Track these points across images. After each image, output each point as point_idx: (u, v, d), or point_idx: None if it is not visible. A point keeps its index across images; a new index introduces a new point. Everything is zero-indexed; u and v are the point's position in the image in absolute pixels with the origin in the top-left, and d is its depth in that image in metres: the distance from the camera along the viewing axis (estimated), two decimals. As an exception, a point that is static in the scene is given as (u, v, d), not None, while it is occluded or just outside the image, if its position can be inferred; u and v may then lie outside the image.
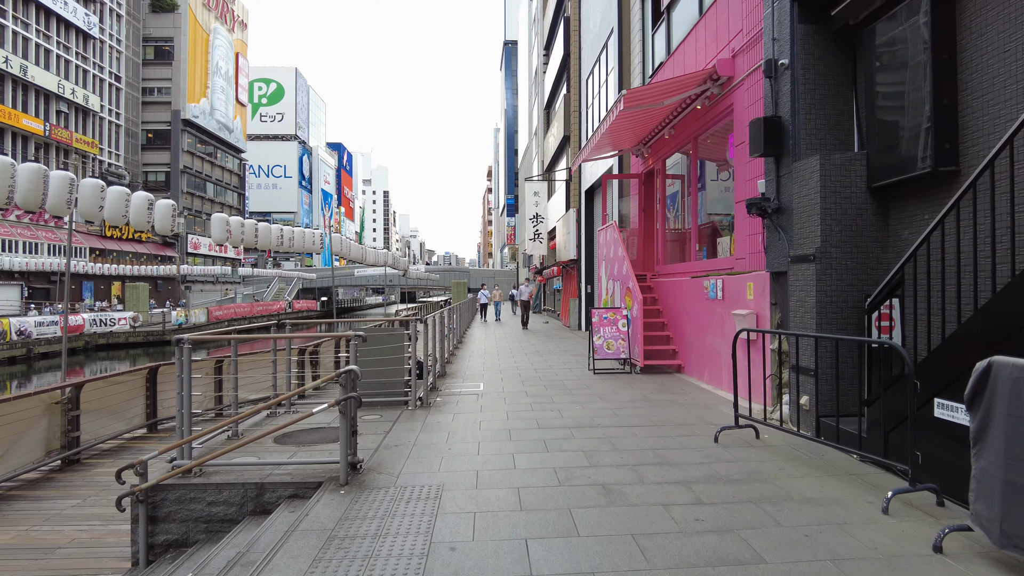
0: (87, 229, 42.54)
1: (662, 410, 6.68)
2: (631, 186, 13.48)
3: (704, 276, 8.57)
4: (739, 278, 7.41)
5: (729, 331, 7.60)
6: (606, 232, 11.85)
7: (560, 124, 24.28)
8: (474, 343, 15.58)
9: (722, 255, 8.75)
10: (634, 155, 12.59)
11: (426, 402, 7.18)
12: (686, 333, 9.29)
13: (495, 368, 10.43)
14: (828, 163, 5.46)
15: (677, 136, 10.24)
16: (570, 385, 8.45)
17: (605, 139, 10.98)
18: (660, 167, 11.32)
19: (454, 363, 11.28)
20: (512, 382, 8.82)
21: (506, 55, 68.43)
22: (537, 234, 23.72)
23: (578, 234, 19.35)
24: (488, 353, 12.97)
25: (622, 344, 9.48)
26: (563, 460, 4.82)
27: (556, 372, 9.75)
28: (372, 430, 6.01)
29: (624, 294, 10.21)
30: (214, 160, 63.02)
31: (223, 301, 52.36)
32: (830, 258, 5.45)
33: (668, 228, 11.18)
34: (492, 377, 9.36)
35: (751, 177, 7.42)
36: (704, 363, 8.51)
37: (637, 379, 8.85)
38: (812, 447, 5.09)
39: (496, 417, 6.46)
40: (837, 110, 5.92)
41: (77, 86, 43.94)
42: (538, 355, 12.39)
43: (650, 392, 7.79)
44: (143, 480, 4.36)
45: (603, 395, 7.61)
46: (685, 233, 10.58)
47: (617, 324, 9.53)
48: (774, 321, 6.63)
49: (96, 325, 30.94)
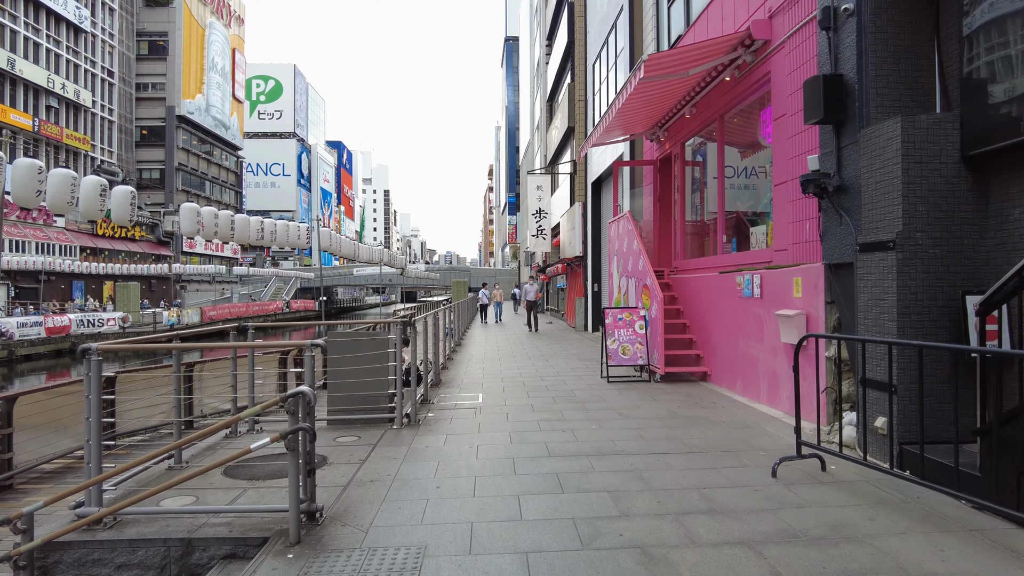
0: (78, 227, 41.52)
1: (696, 430, 5.58)
2: (644, 175, 12.38)
3: (736, 271, 7.47)
4: (782, 272, 6.30)
5: (770, 335, 6.50)
6: (618, 224, 10.76)
7: (564, 115, 23.19)
8: (473, 346, 14.48)
9: (756, 247, 7.64)
10: (648, 140, 11.48)
11: (414, 419, 6.09)
12: (713, 336, 8.19)
13: (496, 375, 9.34)
14: (912, 127, 4.35)
15: (700, 115, 9.14)
16: (582, 397, 7.35)
17: (616, 121, 9.89)
18: (679, 151, 10.22)
19: (451, 369, 10.19)
20: (515, 393, 7.73)
21: (507, 51, 67.56)
22: (540, 230, 22.62)
23: (584, 229, 18.25)
24: (488, 357, 11.88)
25: (639, 349, 8.38)
26: (584, 506, 3.72)
27: (564, 380, 8.65)
28: (346, 457, 4.92)
29: (640, 292, 9.11)
30: (210, 157, 61.98)
31: (219, 301, 51.32)
32: (915, 245, 4.34)
33: (688, 219, 10.08)
34: (493, 386, 8.27)
35: (796, 154, 6.33)
36: (736, 371, 7.41)
37: (658, 389, 7.74)
38: (898, 485, 3.99)
39: (497, 440, 5.36)
40: (915, 64, 4.82)
41: (68, 81, 42.89)
42: (543, 360, 11.29)
43: (677, 406, 6.68)
44: (26, 539, 3.27)
45: (622, 410, 6.51)
46: (708, 224, 9.48)
47: (634, 326, 8.44)
48: (829, 323, 5.53)
49: (83, 326, 29.88)
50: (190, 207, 10.45)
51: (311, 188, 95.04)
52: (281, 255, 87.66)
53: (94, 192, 9.91)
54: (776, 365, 6.42)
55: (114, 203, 8.62)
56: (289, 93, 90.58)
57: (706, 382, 8.24)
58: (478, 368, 10.23)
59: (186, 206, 10.51)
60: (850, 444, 5.01)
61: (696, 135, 9.70)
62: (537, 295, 19.46)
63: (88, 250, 41.88)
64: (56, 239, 38.99)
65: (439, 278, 66.76)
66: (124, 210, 9.27)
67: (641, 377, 8.60)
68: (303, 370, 3.83)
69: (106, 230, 44.19)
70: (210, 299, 52.40)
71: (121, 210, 9.24)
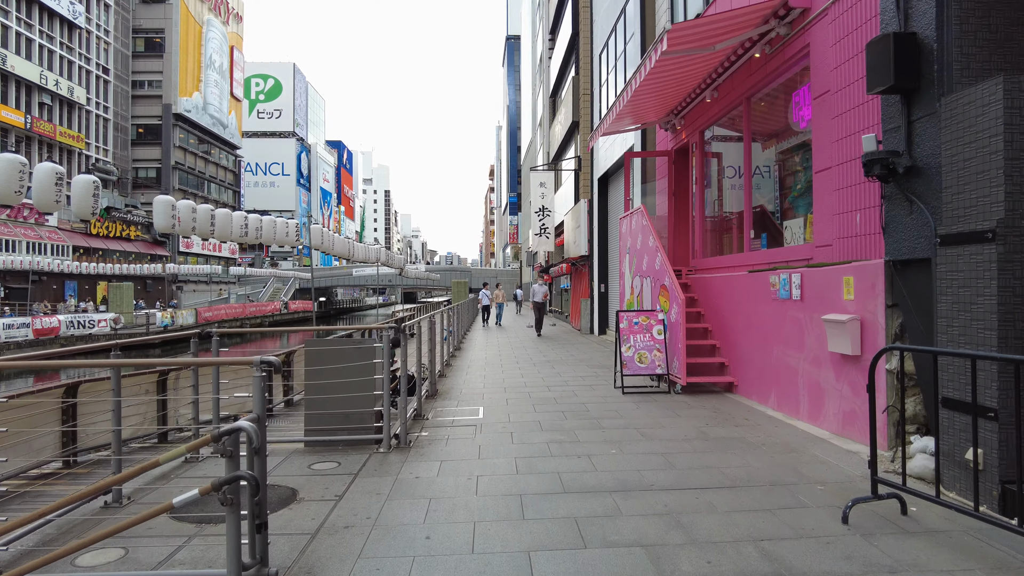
0: (71, 226, 40.73)
1: (734, 456, 4.74)
2: (656, 167, 11.55)
3: (768, 270, 6.64)
4: (829, 271, 5.47)
5: (813, 343, 5.67)
6: (631, 220, 9.94)
7: (568, 110, 22.39)
8: (474, 350, 13.65)
9: (792, 242, 6.81)
10: (662, 129, 10.65)
11: (404, 440, 5.26)
12: (740, 343, 7.35)
13: (498, 384, 8.51)
14: (1018, 90, 3.52)
15: (723, 98, 8.31)
16: (596, 411, 6.51)
17: (628, 108, 9.08)
18: (697, 140, 9.39)
19: (449, 376, 9.36)
20: (520, 405, 6.89)
21: (508, 50, 67.06)
22: (543, 228, 21.78)
23: (590, 227, 17.41)
24: (490, 363, 11.05)
25: (658, 356, 7.54)
26: (614, 568, 2.89)
27: (574, 391, 7.82)
28: (320, 491, 4.09)
29: (658, 293, 8.28)
30: (208, 156, 61.19)
31: (216, 302, 50.52)
32: (1021, 236, 3.51)
33: (708, 214, 9.25)
34: (495, 397, 7.43)
35: (843, 136, 5.50)
36: (769, 382, 6.57)
37: (681, 403, 6.91)
38: (1009, 539, 3.15)
39: (500, 468, 4.53)
40: (1008, 17, 3.99)
41: (61, 77, 42.12)
42: (548, 366, 10.46)
43: (706, 424, 5.85)
44: None
45: (644, 429, 5.67)
46: (732, 219, 8.65)
47: (651, 331, 7.60)
48: (891, 329, 4.70)
49: (73, 327, 29.07)
50: (164, 200, 9.62)
51: (311, 188, 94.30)
52: (280, 255, 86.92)
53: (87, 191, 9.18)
54: (821, 377, 5.59)
55: (75, 193, 7.83)
56: (288, 92, 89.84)
57: (732, 394, 7.41)
58: (478, 376, 9.40)
59: (160, 199, 9.69)
60: (921, 475, 4.18)
61: (717, 121, 8.87)
62: (544, 296, 17.95)
63: (81, 250, 41.09)
64: (48, 238, 38.21)
65: (439, 278, 65.97)
66: (85, 201, 8.43)
67: (659, 388, 7.77)
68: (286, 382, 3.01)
69: (100, 229, 43.41)
70: (208, 300, 51.59)
71: (82, 201, 8.42)
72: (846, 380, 5.22)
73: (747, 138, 7.83)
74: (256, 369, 2.76)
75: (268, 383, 6.59)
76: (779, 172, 7.45)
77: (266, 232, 11.09)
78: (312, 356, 5.35)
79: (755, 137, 7.88)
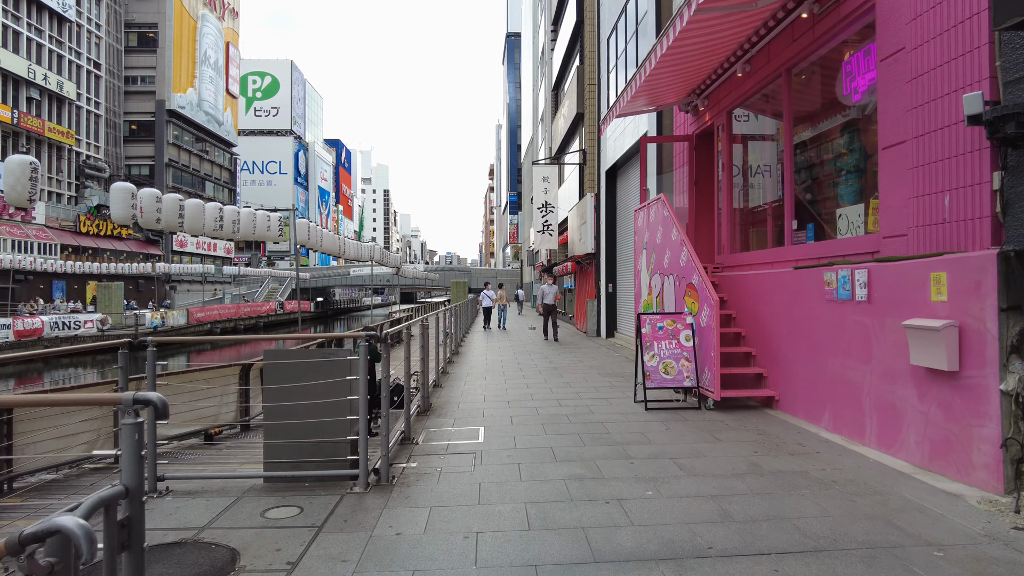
0: (59, 224, 39.67)
1: (805, 501, 3.72)
2: (674, 155, 10.53)
3: (821, 266, 5.62)
4: (908, 267, 4.45)
5: (884, 353, 4.65)
6: (648, 211, 8.91)
7: (572, 101, 21.38)
8: (473, 355, 12.63)
9: (848, 233, 5.80)
10: (681, 111, 9.64)
11: (386, 476, 4.23)
12: (781, 350, 6.33)
13: (500, 397, 7.48)
14: None
15: (757, 72, 7.29)
16: (618, 433, 5.48)
17: (645, 87, 8.08)
18: (724, 122, 8.37)
19: (446, 387, 8.33)
20: (527, 425, 5.87)
21: (508, 47, 66.29)
22: (546, 225, 20.74)
23: (596, 223, 16.39)
24: (491, 370, 10.02)
25: (686, 366, 6.52)
26: None
27: (589, 405, 6.79)
28: (268, 555, 3.07)
29: (683, 293, 7.26)
30: (203, 154, 60.12)
31: (210, 302, 49.47)
32: None
33: (738, 204, 8.22)
34: (497, 414, 6.41)
35: (924, 101, 4.50)
36: (823, 399, 5.55)
37: (716, 422, 5.88)
38: None
39: (507, 522, 3.50)
40: None
41: (50, 72, 41.06)
42: (556, 374, 9.43)
43: (754, 451, 4.82)
44: None
45: (681, 458, 4.65)
46: (766, 209, 7.63)
47: (678, 337, 6.58)
48: (1006, 340, 3.68)
49: (57, 328, 28.03)
50: (123, 187, 8.60)
51: (308, 187, 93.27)
52: (277, 255, 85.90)
53: (22, 173, 8.19)
54: (896, 396, 4.57)
55: (7, 175, 6.81)
56: (286, 89, 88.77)
57: (773, 410, 6.38)
58: (478, 386, 8.37)
59: (117, 186, 8.67)
60: (1061, 532, 3.16)
61: (748, 100, 7.85)
62: (556, 297, 15.80)
63: (70, 248, 40.03)
64: (35, 237, 37.15)
65: (438, 278, 64.98)
66: (22, 186, 7.46)
67: (686, 402, 6.74)
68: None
69: (91, 228, 42.37)
70: (202, 300, 50.53)
71: (18, 186, 7.44)
72: (935, 401, 4.20)
73: (787, 116, 6.80)
74: (126, 413, 1.73)
75: (146, 429, 5.58)
76: (822, 155, 6.43)
77: (244, 225, 10.06)
78: (272, 371, 4.32)
79: (794, 116, 6.86)
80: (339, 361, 4.20)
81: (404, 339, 5.46)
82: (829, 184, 6.32)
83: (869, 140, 5.61)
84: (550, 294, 15.49)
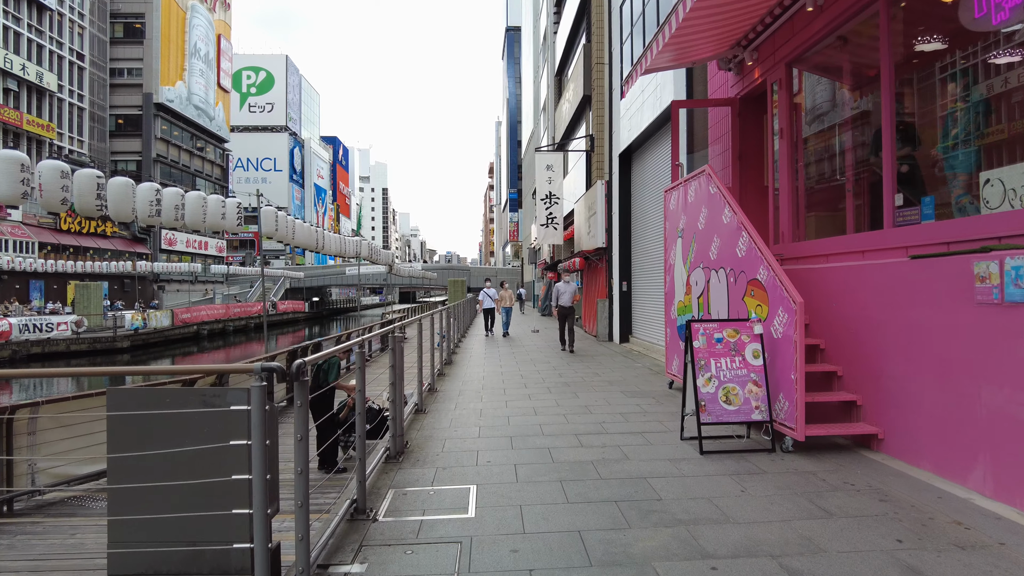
0: (38, 221, 37.89)
1: None
2: (710, 126, 8.78)
3: (969, 252, 3.87)
4: None
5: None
6: (687, 189, 7.15)
7: (578, 84, 19.64)
8: (469, 365, 10.89)
9: (999, 207, 4.03)
10: (720, 68, 7.89)
11: (307, 607, 2.47)
12: (886, 370, 4.59)
13: (501, 429, 5.74)
14: None
15: (834, 3, 5.53)
16: (674, 500, 3.73)
17: (675, 41, 6.38)
18: (782, 76, 6.60)
19: (431, 412, 6.58)
20: (539, 484, 4.11)
21: (508, 42, 64.88)
22: (550, 218, 18.97)
23: (607, 214, 14.64)
24: (489, 386, 8.28)
25: (754, 392, 4.77)
26: None
27: (620, 444, 5.04)
28: None
29: (742, 292, 5.51)
30: (192, 149, 58.27)
31: (200, 302, 47.69)
32: None
33: (804, 179, 6.46)
34: (496, 460, 4.66)
35: None
36: (973, 446, 3.80)
37: (807, 475, 4.14)
38: None
39: None
40: None
41: (29, 62, 39.24)
42: (568, 392, 7.68)
43: (896, 540, 3.07)
44: None
45: (786, 557, 2.90)
46: (843, 185, 5.87)
47: (743, 353, 4.83)
48: None
49: (28, 331, 26.28)
50: (51, 164, 6.93)
51: (304, 184, 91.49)
52: (272, 254, 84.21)
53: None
54: None
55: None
56: (281, 85, 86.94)
57: (873, 452, 4.64)
58: (472, 412, 6.62)
59: (46, 164, 7.00)
60: None
61: (819, 43, 6.08)
62: (575, 298, 12.74)
63: (49, 247, 38.25)
64: (10, 234, 35.38)
65: (436, 277, 63.33)
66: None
67: (749, 438, 4.99)
68: None
69: (72, 225, 40.59)
70: (192, 300, 48.75)
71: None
72: None
73: (887, 57, 5.02)
74: None
75: None
76: (940, 103, 4.67)
77: (191, 212, 8.30)
78: (119, 423, 2.57)
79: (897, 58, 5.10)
80: (216, 414, 2.44)
81: (359, 365, 3.72)
82: (955, 142, 4.56)
83: None
84: (567, 294, 12.39)
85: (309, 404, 6.59)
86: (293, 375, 2.42)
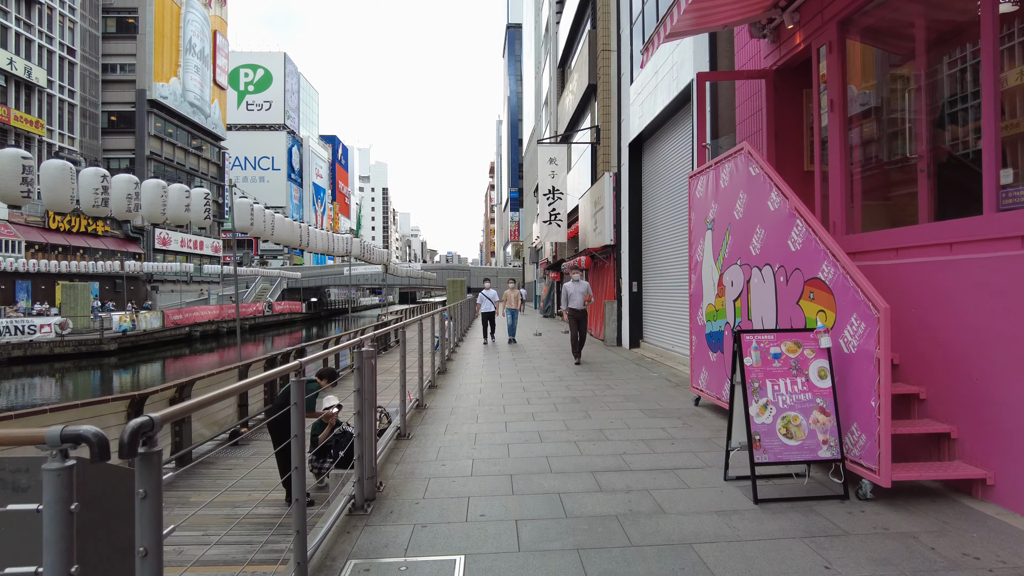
0: (25, 220, 36.90)
1: None
2: (737, 106, 7.75)
3: None
4: None
5: None
6: (719, 173, 6.12)
7: (582, 74, 18.63)
8: (465, 374, 9.86)
9: None
10: (752, 35, 6.85)
11: None
12: (995, 395, 3.57)
13: (500, 464, 4.71)
14: None
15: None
16: (736, 582, 2.70)
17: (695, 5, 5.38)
18: (834, 39, 5.55)
19: (416, 436, 5.55)
20: (550, 556, 3.09)
21: (509, 39, 64.11)
22: (554, 215, 17.93)
23: (615, 208, 13.61)
24: (486, 402, 7.25)
25: (821, 422, 3.74)
26: None
27: (649, 489, 4.01)
28: None
29: (798, 295, 4.48)
30: (188, 147, 57.24)
31: (195, 303, 46.68)
32: None
33: (863, 160, 5.42)
34: (492, 513, 3.63)
35: None
36: None
37: (905, 539, 3.11)
38: None
39: None
40: None
41: (17, 56, 38.24)
42: (579, 411, 6.65)
43: None
44: None
45: None
46: (914, 165, 4.83)
47: (806, 372, 3.81)
48: None
49: (8, 333, 25.28)
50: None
51: (303, 183, 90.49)
52: (270, 254, 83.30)
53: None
54: None
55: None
56: (279, 83, 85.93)
57: (979, 501, 3.61)
58: (466, 437, 5.59)
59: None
60: None
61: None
62: (587, 299, 10.58)
63: (37, 246, 37.25)
64: (-4, 233, 34.41)
65: (435, 277, 62.38)
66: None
67: (814, 481, 3.96)
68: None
69: (62, 224, 39.58)
70: (187, 301, 47.75)
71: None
72: None
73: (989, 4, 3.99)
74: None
75: None
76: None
77: (149, 203, 7.29)
78: None
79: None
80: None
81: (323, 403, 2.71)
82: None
83: None
84: (578, 295, 10.44)
85: (272, 430, 5.59)
86: (127, 446, 1.37)
